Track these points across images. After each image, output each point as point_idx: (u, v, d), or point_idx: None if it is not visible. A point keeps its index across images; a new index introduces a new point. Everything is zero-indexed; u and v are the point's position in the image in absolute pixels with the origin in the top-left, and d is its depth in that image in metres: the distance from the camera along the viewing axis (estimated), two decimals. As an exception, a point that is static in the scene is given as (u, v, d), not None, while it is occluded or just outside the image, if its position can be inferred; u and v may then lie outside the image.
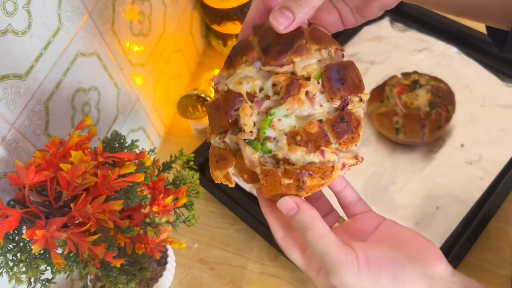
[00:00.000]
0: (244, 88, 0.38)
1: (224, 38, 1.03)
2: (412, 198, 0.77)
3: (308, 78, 0.37)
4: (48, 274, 0.54)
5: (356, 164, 0.39)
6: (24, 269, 0.52)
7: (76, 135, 0.54)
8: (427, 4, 0.46)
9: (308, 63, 0.38)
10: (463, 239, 0.71)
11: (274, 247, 0.76)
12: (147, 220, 0.55)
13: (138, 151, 0.57)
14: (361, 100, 0.38)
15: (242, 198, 0.82)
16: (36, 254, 0.52)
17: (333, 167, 0.37)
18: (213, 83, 0.42)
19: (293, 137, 0.37)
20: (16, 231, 0.53)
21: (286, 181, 0.37)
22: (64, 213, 0.52)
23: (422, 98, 0.82)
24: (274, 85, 0.38)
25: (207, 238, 0.82)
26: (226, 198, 0.82)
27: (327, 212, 0.45)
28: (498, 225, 0.75)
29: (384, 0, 0.41)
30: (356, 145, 0.39)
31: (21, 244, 0.52)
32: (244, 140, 0.38)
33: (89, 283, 0.71)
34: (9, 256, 0.52)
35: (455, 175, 0.79)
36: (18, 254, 0.52)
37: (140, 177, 0.52)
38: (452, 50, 0.94)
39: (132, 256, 0.58)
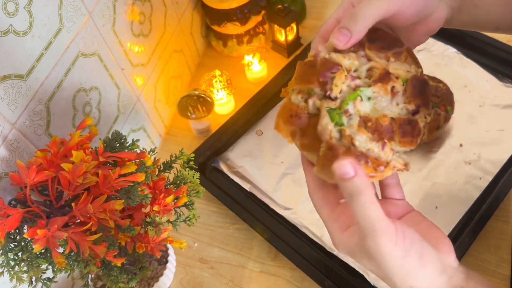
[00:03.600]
0: (345, 62, 0.42)
1: (224, 38, 1.04)
2: (411, 198, 0.78)
3: (397, 78, 0.42)
4: (49, 273, 0.54)
5: (403, 170, 0.42)
6: (25, 268, 0.52)
7: (77, 135, 0.54)
8: (463, 26, 0.48)
9: (399, 67, 0.42)
10: (461, 238, 0.71)
11: (274, 247, 0.77)
12: (148, 219, 0.56)
13: (138, 151, 0.57)
14: (425, 117, 0.42)
15: (242, 198, 0.82)
16: (37, 253, 0.52)
17: (388, 163, 0.40)
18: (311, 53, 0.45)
19: (365, 122, 0.40)
20: (17, 231, 0.53)
21: None
22: (65, 213, 0.52)
23: (421, 98, 0.82)
24: (368, 70, 0.42)
25: (207, 237, 0.82)
26: (226, 198, 0.83)
27: None
28: (497, 224, 0.75)
29: (428, 25, 0.45)
30: (410, 150, 0.42)
31: (23, 243, 0.53)
32: (326, 108, 0.41)
33: (90, 282, 0.71)
34: (11, 255, 0.52)
35: (454, 175, 0.80)
36: (20, 253, 0.52)
37: (140, 177, 0.52)
38: (451, 51, 0.94)
39: (133, 255, 0.58)
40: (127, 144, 0.58)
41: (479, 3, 0.46)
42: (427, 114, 0.42)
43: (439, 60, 0.94)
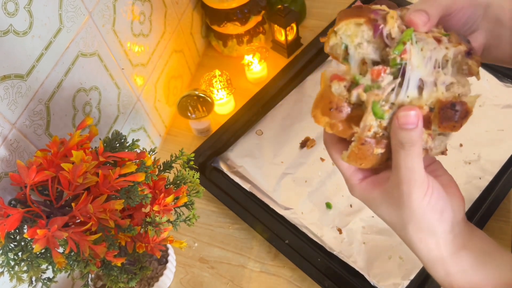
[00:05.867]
0: (395, 14, 0.40)
1: (224, 38, 1.04)
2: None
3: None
4: (49, 273, 0.54)
5: (441, 154, 0.43)
6: (25, 268, 0.52)
7: (77, 135, 0.54)
8: (501, 63, 0.49)
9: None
10: (462, 238, 0.71)
11: (274, 246, 0.77)
12: (148, 219, 0.56)
13: (138, 151, 0.57)
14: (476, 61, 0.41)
15: (242, 198, 0.82)
16: (37, 253, 0.52)
17: (426, 150, 0.41)
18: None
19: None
20: (17, 231, 0.53)
21: (379, 150, 0.40)
22: (65, 213, 0.52)
23: (421, 98, 0.82)
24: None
25: (207, 237, 0.82)
26: (226, 198, 0.83)
27: None
28: (497, 224, 0.75)
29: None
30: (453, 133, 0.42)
31: (23, 243, 0.53)
32: (373, 101, 0.39)
33: (90, 282, 0.71)
34: (11, 255, 0.52)
35: (454, 175, 0.79)
36: (20, 253, 0.52)
37: (140, 177, 0.52)
38: (451, 50, 0.94)
39: (133, 255, 0.58)
40: (127, 144, 0.58)
41: None
42: (478, 68, 0.42)
43: (439, 60, 0.94)
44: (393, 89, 0.39)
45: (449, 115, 0.39)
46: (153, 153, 0.61)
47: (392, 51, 0.39)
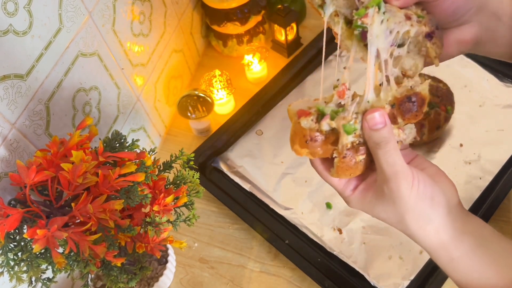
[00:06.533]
0: None
1: (224, 38, 1.04)
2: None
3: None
4: (49, 273, 0.54)
5: (414, 140, 0.45)
6: (25, 268, 0.52)
7: (77, 135, 0.54)
8: (499, 56, 0.49)
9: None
10: (462, 238, 0.71)
11: (274, 246, 0.77)
12: (148, 219, 0.56)
13: (138, 151, 0.57)
14: (436, 54, 0.43)
15: (242, 198, 0.82)
16: (37, 253, 0.52)
17: (399, 142, 0.43)
18: None
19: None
20: (17, 231, 0.53)
21: (360, 157, 0.43)
22: (65, 213, 0.52)
23: (421, 98, 0.82)
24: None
25: (207, 237, 0.82)
26: (226, 198, 0.83)
27: None
28: (497, 224, 0.75)
29: (458, 35, 0.46)
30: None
31: (22, 243, 0.53)
32: (343, 125, 0.42)
33: (89, 282, 0.71)
34: (10, 255, 0.52)
35: (454, 175, 0.80)
36: (19, 253, 0.52)
37: (140, 177, 0.52)
38: (451, 50, 0.94)
39: (133, 255, 0.58)
40: (127, 144, 0.58)
41: None
42: (438, 55, 0.43)
43: (439, 60, 0.93)
44: (356, 101, 0.42)
45: (408, 107, 0.42)
46: (153, 153, 0.61)
47: (355, 12, 0.42)
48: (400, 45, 0.43)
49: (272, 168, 0.85)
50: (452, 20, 0.45)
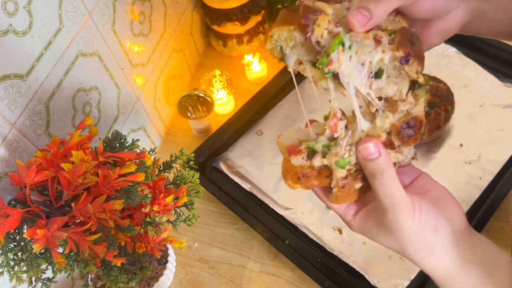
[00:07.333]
0: (329, 10, 0.39)
1: (224, 38, 1.04)
2: (412, 198, 0.77)
3: (383, 30, 0.39)
4: (49, 273, 0.54)
5: (412, 160, 0.44)
6: (25, 268, 0.52)
7: (77, 135, 0.54)
8: (485, 32, 0.47)
9: (390, 23, 0.40)
10: (462, 238, 0.71)
11: (274, 247, 0.77)
12: (148, 219, 0.56)
13: (138, 151, 0.57)
14: (417, 73, 0.39)
15: (242, 198, 0.82)
16: (37, 253, 0.52)
17: (395, 163, 0.42)
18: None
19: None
20: (17, 231, 0.53)
21: (359, 184, 0.41)
22: (65, 213, 0.52)
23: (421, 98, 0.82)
24: None
25: (207, 237, 0.82)
26: (226, 198, 0.83)
27: None
28: (497, 224, 0.75)
29: (443, 24, 0.44)
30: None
31: (22, 243, 0.53)
32: (335, 161, 0.40)
33: (89, 282, 0.71)
34: (10, 255, 0.52)
35: (454, 175, 0.80)
36: (19, 253, 0.52)
37: (140, 177, 0.52)
38: (451, 50, 0.94)
39: (133, 255, 0.58)
40: (127, 144, 0.58)
41: (505, 5, 0.44)
42: (420, 72, 0.39)
43: (439, 60, 0.93)
44: (349, 132, 0.40)
45: (407, 133, 0.40)
46: (153, 153, 0.61)
47: (318, 62, 0.39)
48: (378, 73, 0.39)
49: (272, 168, 0.85)
50: (436, 15, 0.44)
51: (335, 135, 0.41)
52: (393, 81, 0.40)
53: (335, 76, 0.39)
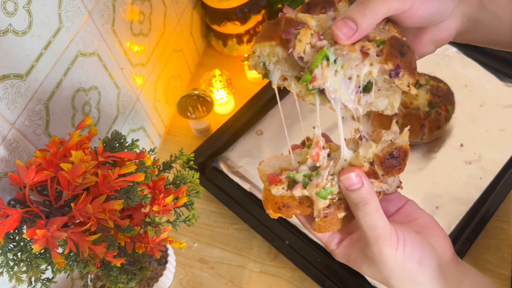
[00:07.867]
0: (312, 22, 0.38)
1: (224, 38, 1.04)
2: (412, 198, 0.77)
3: (370, 41, 0.37)
4: (48, 274, 0.54)
5: (398, 189, 0.42)
6: (24, 268, 0.52)
7: (76, 134, 0.54)
8: (480, 41, 0.46)
9: (378, 33, 0.38)
10: (462, 238, 0.71)
11: (274, 247, 0.76)
12: (147, 219, 0.56)
13: (138, 151, 0.57)
14: (409, 86, 0.37)
15: (242, 198, 0.82)
16: (37, 253, 0.52)
17: (380, 192, 0.41)
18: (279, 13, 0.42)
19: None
20: (16, 231, 0.53)
21: (342, 213, 0.40)
22: (65, 213, 0.52)
23: (421, 98, 0.82)
24: None
25: (207, 237, 0.82)
26: (226, 198, 0.82)
27: None
28: (498, 224, 0.75)
29: (436, 33, 0.42)
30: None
31: (22, 243, 0.53)
32: (316, 192, 0.40)
33: (89, 283, 0.71)
34: (10, 255, 0.52)
35: (454, 175, 0.80)
36: (19, 254, 0.52)
37: (140, 177, 0.52)
38: (451, 50, 0.94)
39: (133, 255, 0.58)
40: (127, 144, 0.58)
41: (501, 14, 0.42)
42: (412, 84, 0.37)
43: (440, 60, 0.93)
44: (331, 161, 0.40)
45: (391, 163, 0.39)
46: (153, 153, 0.61)
47: (301, 79, 0.37)
48: (367, 86, 0.37)
49: (272, 168, 0.85)
50: (429, 23, 0.42)
51: (317, 164, 0.40)
52: (384, 94, 0.39)
53: (322, 92, 0.38)
